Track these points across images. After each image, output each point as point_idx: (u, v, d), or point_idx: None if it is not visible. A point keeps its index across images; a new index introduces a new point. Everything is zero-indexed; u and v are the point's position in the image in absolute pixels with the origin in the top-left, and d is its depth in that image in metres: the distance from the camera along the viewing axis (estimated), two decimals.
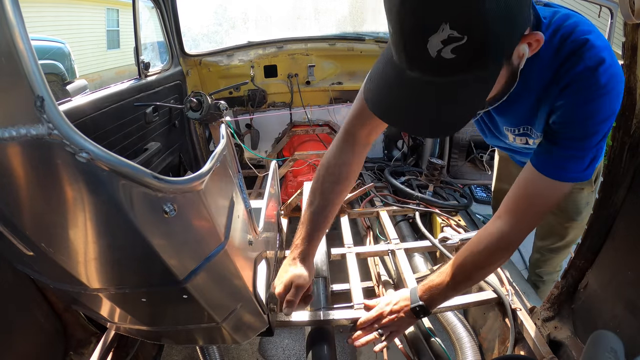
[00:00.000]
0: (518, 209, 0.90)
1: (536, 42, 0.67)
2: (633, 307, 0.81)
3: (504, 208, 0.93)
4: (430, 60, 0.58)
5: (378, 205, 2.04)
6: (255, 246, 0.95)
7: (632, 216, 0.82)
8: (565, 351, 0.99)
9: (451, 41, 0.55)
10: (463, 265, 0.97)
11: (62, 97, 1.54)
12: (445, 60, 0.57)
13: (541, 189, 0.86)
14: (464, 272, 0.97)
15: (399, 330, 1.08)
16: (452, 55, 0.57)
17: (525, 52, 0.68)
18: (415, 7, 0.55)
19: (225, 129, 0.80)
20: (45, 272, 0.68)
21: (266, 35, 2.80)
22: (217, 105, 1.90)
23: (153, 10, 2.27)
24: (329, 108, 2.84)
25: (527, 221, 0.90)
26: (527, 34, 0.66)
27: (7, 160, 0.42)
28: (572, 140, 0.78)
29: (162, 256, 0.57)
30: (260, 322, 1.00)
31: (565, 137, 0.79)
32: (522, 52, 0.68)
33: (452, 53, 0.56)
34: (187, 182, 0.56)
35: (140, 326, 0.86)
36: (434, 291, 1.02)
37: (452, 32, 0.55)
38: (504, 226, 0.91)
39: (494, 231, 0.92)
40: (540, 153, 0.85)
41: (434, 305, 1.03)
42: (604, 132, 0.76)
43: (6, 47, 0.35)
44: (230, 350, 1.96)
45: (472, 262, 0.96)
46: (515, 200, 0.91)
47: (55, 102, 0.38)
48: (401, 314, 1.04)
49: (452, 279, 0.98)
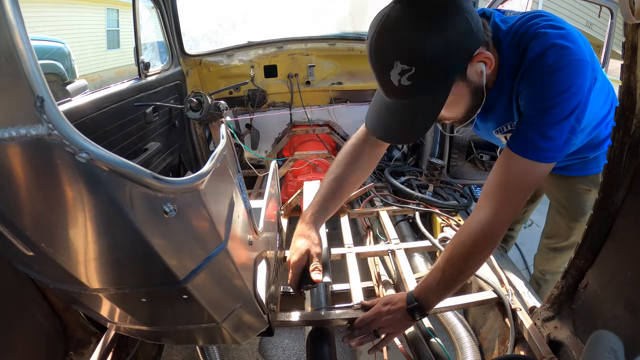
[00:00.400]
0: (498, 194, 0.92)
1: (487, 59, 0.84)
2: (633, 307, 0.80)
3: (483, 196, 0.95)
4: (395, 88, 0.80)
5: (378, 205, 2.04)
6: (255, 246, 0.95)
7: (632, 216, 0.82)
8: (565, 351, 0.99)
9: (404, 72, 0.77)
10: (451, 258, 0.97)
11: (62, 97, 1.54)
12: (405, 86, 0.79)
13: (519, 171, 0.89)
14: (453, 266, 0.96)
15: (396, 332, 1.08)
16: (408, 82, 0.78)
17: (483, 69, 0.85)
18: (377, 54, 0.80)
19: (225, 129, 0.80)
20: (45, 272, 0.68)
21: (266, 35, 2.80)
22: (217, 105, 1.90)
23: (153, 10, 2.27)
24: (329, 108, 2.84)
25: (508, 205, 0.91)
26: (476, 54, 0.82)
27: (7, 160, 0.42)
28: (537, 116, 0.85)
29: (162, 256, 0.57)
30: (260, 322, 1.00)
31: (531, 115, 0.87)
32: (480, 69, 0.85)
33: (407, 80, 0.78)
34: (187, 182, 0.56)
35: (140, 326, 0.85)
36: (428, 290, 1.02)
37: (403, 66, 0.76)
38: (486, 213, 0.92)
39: (476, 220, 0.93)
40: (514, 136, 0.90)
41: (430, 305, 1.02)
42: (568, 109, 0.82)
43: (6, 47, 0.35)
44: (230, 350, 1.96)
45: (459, 254, 0.96)
46: (494, 186, 0.93)
47: (55, 102, 0.38)
48: (398, 315, 1.04)
49: (442, 274, 0.98)
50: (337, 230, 1.75)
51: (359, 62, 2.77)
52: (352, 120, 3.04)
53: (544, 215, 1.71)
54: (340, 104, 2.85)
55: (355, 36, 2.80)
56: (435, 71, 0.78)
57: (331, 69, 2.81)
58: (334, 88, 2.79)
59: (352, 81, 2.83)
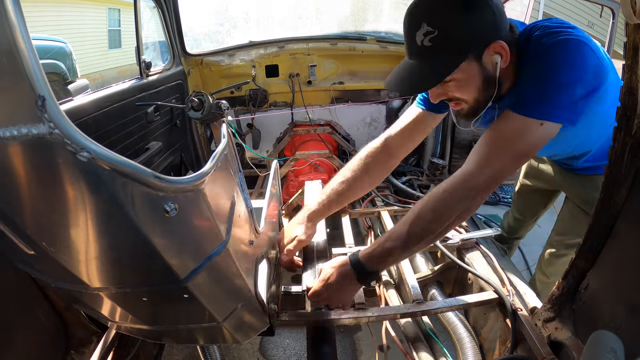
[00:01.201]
0: (489, 150, 0.95)
1: (502, 50, 0.92)
2: (634, 307, 0.80)
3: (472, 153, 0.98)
4: (418, 48, 0.92)
5: (379, 205, 2.03)
6: (256, 246, 0.95)
7: (634, 217, 0.82)
8: (566, 352, 0.99)
9: (428, 34, 0.89)
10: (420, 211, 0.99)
11: (63, 97, 1.54)
12: (425, 47, 0.90)
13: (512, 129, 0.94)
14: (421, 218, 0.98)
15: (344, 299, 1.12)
16: (429, 43, 0.90)
17: (498, 61, 0.94)
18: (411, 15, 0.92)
19: (227, 129, 0.80)
20: (46, 271, 0.68)
21: (268, 35, 2.80)
22: (219, 105, 1.90)
23: (154, 10, 2.27)
24: (331, 108, 2.84)
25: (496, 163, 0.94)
26: (494, 43, 0.91)
27: (8, 159, 0.42)
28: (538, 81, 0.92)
29: (163, 255, 0.57)
30: (261, 321, 1.00)
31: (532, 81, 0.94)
32: (495, 60, 0.93)
33: (429, 42, 0.89)
34: (189, 181, 0.56)
35: (141, 325, 0.86)
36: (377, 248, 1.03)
37: (429, 28, 0.88)
38: (470, 166, 0.96)
39: (459, 172, 0.97)
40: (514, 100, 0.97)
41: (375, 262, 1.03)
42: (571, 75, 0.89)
43: (7, 46, 0.35)
44: (231, 350, 1.96)
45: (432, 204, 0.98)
46: (485, 143, 0.97)
47: (56, 102, 0.38)
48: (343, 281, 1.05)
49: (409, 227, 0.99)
50: (338, 230, 1.75)
51: (360, 61, 2.77)
52: (353, 120, 3.04)
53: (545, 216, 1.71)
54: (342, 103, 2.85)
55: (356, 36, 2.80)
56: (453, 41, 0.89)
57: (332, 69, 2.81)
58: (335, 88, 2.79)
59: (353, 81, 2.82)
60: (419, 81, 0.96)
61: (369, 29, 2.98)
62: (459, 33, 0.88)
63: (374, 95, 2.85)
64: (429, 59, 0.92)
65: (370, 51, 2.72)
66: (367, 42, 2.71)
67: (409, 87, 1.00)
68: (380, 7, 3.04)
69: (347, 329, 2.06)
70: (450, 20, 0.88)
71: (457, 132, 2.62)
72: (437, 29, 0.88)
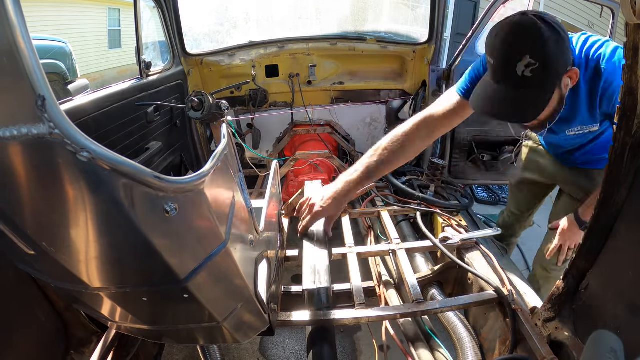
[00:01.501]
0: None
1: (574, 74, 1.08)
2: (634, 307, 0.80)
3: None
4: (517, 78, 1.01)
5: (379, 205, 2.03)
6: (256, 246, 0.95)
7: (634, 217, 0.82)
8: (566, 352, 0.99)
9: (530, 65, 0.98)
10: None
11: (63, 97, 1.54)
12: (526, 77, 1.00)
13: None
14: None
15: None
16: (530, 74, 0.99)
17: (569, 83, 1.09)
18: (508, 47, 1.00)
19: (227, 129, 0.80)
20: (47, 271, 0.68)
21: (268, 35, 2.80)
22: (219, 105, 1.90)
23: (154, 10, 2.27)
24: (330, 108, 2.84)
25: None
26: (569, 69, 1.06)
27: (8, 159, 0.42)
28: None
29: (163, 255, 0.57)
30: (261, 321, 1.00)
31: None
32: (567, 82, 1.09)
33: (530, 72, 0.99)
34: (189, 181, 0.56)
35: (141, 325, 0.86)
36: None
37: (531, 60, 0.97)
38: None
39: None
40: None
41: None
42: None
43: (7, 46, 0.35)
44: (231, 350, 1.96)
45: None
46: None
47: (56, 102, 0.38)
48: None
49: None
50: (338, 230, 1.75)
51: (360, 62, 2.77)
52: (353, 120, 3.03)
53: (545, 215, 1.71)
54: (342, 103, 2.85)
55: (356, 36, 2.80)
56: (552, 73, 1.01)
57: (332, 69, 2.81)
58: (335, 88, 2.79)
59: (353, 81, 2.82)
60: (523, 111, 1.08)
61: (369, 29, 2.98)
62: (556, 64, 1.00)
63: (374, 96, 2.85)
64: (530, 89, 1.03)
65: (370, 51, 2.72)
66: (367, 42, 2.71)
67: (512, 115, 1.12)
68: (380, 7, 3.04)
69: (347, 329, 2.06)
70: (550, 53, 0.98)
71: (457, 133, 2.62)
72: (538, 62, 0.97)
